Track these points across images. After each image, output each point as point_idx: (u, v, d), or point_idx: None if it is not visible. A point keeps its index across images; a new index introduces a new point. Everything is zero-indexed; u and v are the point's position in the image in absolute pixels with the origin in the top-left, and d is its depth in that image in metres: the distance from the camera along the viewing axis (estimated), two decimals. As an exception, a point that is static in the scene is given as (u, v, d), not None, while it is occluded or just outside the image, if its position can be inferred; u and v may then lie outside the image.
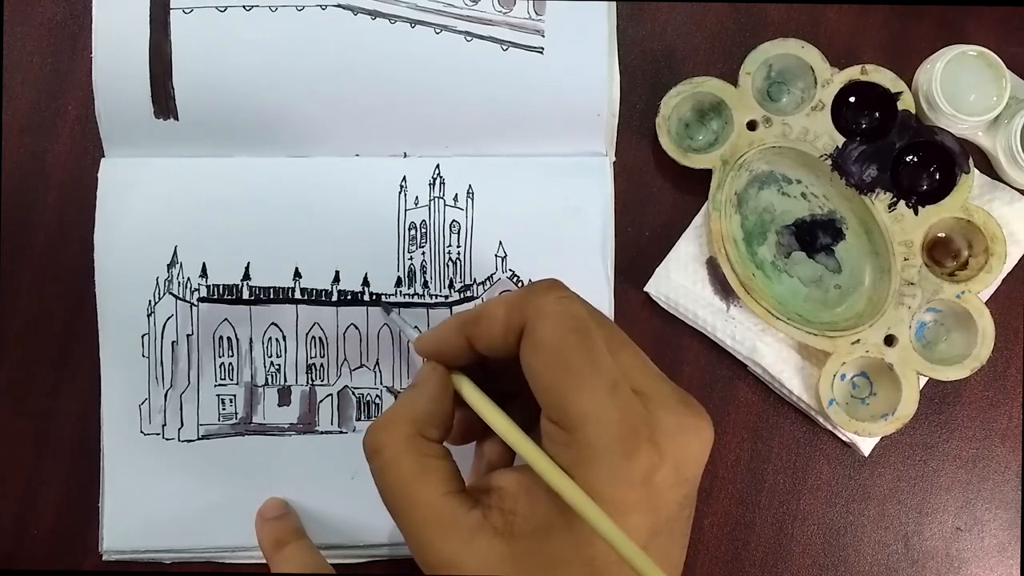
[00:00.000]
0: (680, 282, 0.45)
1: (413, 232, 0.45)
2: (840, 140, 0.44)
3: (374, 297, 0.45)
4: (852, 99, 0.44)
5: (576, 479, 0.31)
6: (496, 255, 0.45)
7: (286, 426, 0.45)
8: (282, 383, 0.45)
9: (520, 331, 0.33)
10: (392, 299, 0.44)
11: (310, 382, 0.45)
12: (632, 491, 0.31)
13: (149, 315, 0.44)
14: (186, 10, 0.44)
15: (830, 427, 0.45)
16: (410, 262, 0.45)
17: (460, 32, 0.44)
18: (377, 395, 0.45)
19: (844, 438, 0.45)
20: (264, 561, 0.43)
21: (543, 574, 0.32)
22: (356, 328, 0.45)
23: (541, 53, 0.44)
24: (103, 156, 0.45)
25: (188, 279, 0.44)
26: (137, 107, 0.44)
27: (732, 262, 0.44)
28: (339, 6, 0.44)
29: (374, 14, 0.44)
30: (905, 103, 0.44)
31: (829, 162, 0.44)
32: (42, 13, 0.46)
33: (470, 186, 0.45)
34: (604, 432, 0.31)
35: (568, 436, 0.31)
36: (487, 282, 0.45)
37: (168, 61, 0.44)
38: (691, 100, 0.45)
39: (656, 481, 0.31)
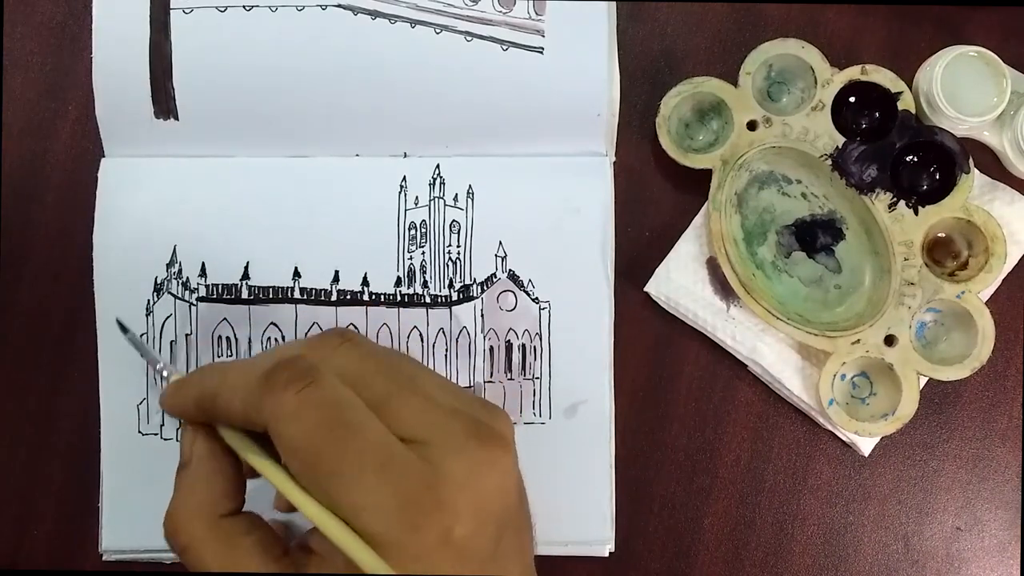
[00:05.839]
0: (680, 282, 0.45)
1: (413, 232, 0.45)
2: (840, 140, 0.44)
3: (373, 297, 0.45)
4: (852, 99, 0.44)
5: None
6: (496, 255, 0.45)
7: (286, 426, 0.44)
8: (282, 383, 0.45)
9: (266, 428, 0.31)
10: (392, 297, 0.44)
11: (310, 382, 0.45)
12: (432, 556, 0.30)
13: (148, 315, 0.44)
14: (186, 10, 0.44)
15: (830, 427, 0.45)
16: (410, 262, 0.45)
17: (460, 32, 0.44)
18: (377, 395, 0.45)
19: (844, 438, 0.45)
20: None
21: None
22: (355, 328, 0.45)
23: (541, 53, 0.44)
24: (103, 156, 0.45)
25: (187, 279, 0.44)
26: (137, 107, 0.44)
27: (732, 262, 0.44)
28: (339, 6, 0.44)
29: (374, 14, 0.44)
30: (905, 103, 0.44)
31: (829, 162, 0.44)
32: (42, 13, 0.46)
33: (470, 186, 0.45)
34: (381, 519, 0.29)
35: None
36: (487, 282, 0.45)
37: (168, 61, 0.44)
38: (691, 100, 0.45)
39: (456, 536, 0.30)
